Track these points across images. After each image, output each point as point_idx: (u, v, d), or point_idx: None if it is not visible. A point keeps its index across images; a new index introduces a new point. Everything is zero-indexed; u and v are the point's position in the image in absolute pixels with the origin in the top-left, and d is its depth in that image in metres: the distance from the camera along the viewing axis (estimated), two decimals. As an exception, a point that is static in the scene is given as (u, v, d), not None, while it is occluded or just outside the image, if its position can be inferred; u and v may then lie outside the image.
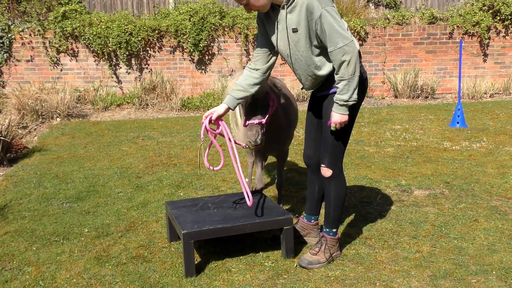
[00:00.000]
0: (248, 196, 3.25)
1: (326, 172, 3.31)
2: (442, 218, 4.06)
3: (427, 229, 3.85)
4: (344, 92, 3.03)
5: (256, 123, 3.31)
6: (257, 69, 3.31)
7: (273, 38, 3.21)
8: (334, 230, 3.41)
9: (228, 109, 3.31)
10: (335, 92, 3.16)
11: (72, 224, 4.11)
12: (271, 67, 3.34)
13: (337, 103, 3.07)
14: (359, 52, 3.09)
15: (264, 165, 4.75)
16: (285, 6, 3.03)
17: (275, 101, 3.46)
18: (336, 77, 3.06)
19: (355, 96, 3.05)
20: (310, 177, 3.62)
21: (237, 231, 3.32)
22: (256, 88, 3.29)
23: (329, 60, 3.13)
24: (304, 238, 3.68)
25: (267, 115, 3.37)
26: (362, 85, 3.25)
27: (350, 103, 3.06)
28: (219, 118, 3.34)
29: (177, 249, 3.61)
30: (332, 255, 3.38)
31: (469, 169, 5.28)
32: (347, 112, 3.09)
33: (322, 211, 3.84)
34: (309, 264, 3.30)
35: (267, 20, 3.21)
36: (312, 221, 3.68)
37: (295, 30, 3.05)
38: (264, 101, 3.38)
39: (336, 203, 3.36)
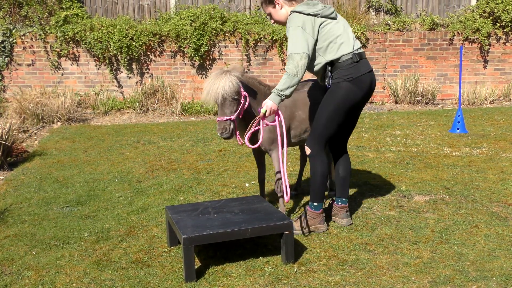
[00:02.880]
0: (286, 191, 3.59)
1: (307, 150, 3.83)
2: (442, 224, 4.05)
3: (427, 235, 3.85)
4: (281, 83, 3.56)
5: (224, 120, 3.69)
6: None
7: None
8: (315, 204, 3.88)
9: None
10: (329, 87, 3.75)
11: (72, 228, 4.11)
12: None
13: (273, 91, 3.59)
14: (348, 59, 3.68)
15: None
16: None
17: (247, 98, 3.81)
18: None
19: (286, 92, 3.56)
20: (334, 162, 4.11)
21: (238, 236, 3.32)
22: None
23: (313, 59, 3.73)
24: (332, 218, 4.14)
25: (237, 112, 3.75)
26: (359, 81, 3.72)
27: (280, 94, 3.55)
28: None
29: (177, 253, 3.61)
30: (310, 226, 3.87)
31: (469, 175, 5.28)
32: (277, 102, 3.58)
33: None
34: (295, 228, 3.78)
35: None
36: (339, 203, 4.07)
37: None
38: (233, 99, 3.72)
39: (314, 179, 3.84)
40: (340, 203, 4.07)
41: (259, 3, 10.18)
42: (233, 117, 3.71)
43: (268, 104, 3.59)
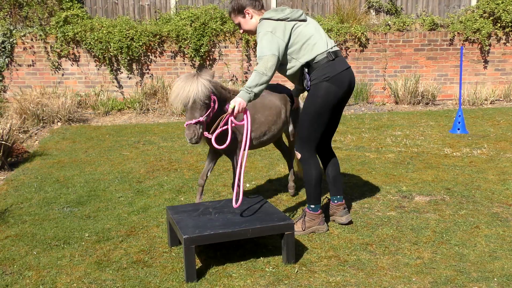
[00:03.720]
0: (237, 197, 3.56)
1: (297, 155, 3.89)
2: (443, 224, 4.05)
3: (428, 236, 3.85)
4: (250, 80, 3.57)
5: (193, 123, 3.59)
6: None
7: None
8: (312, 206, 3.90)
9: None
10: (308, 90, 3.79)
11: (73, 228, 4.11)
12: None
13: (242, 89, 3.58)
14: (323, 59, 3.71)
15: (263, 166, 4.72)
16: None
17: (216, 102, 3.72)
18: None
19: (255, 90, 3.55)
20: (322, 164, 4.13)
21: (238, 236, 3.32)
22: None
23: (283, 64, 3.78)
24: (330, 217, 4.14)
25: (206, 116, 3.65)
26: (337, 80, 3.73)
27: (249, 91, 3.54)
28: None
29: (178, 254, 3.61)
30: (311, 227, 3.88)
31: (470, 175, 5.28)
32: (246, 100, 3.54)
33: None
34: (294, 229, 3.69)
35: None
36: (335, 202, 4.10)
37: None
38: (204, 103, 3.63)
39: (307, 183, 3.88)
40: (336, 201, 4.09)
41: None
42: (202, 119, 3.61)
43: (237, 100, 3.54)
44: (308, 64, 3.74)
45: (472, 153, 6.16)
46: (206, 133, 3.70)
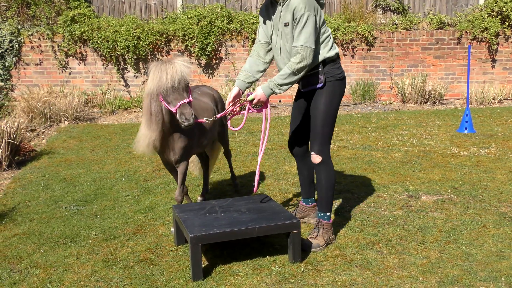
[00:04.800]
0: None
1: (316, 159, 3.63)
2: (450, 224, 4.04)
3: (435, 235, 3.83)
4: (282, 78, 3.40)
5: (187, 102, 3.38)
6: (260, 58, 3.73)
7: (269, 30, 3.65)
8: (328, 214, 3.72)
9: (239, 90, 3.66)
10: (321, 87, 3.57)
11: (80, 227, 4.13)
12: (271, 57, 3.76)
13: (269, 83, 3.43)
14: (337, 57, 3.59)
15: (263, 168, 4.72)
16: (281, 2, 3.47)
17: (190, 92, 3.55)
18: (287, 65, 3.42)
19: (285, 88, 3.43)
20: (298, 165, 3.99)
21: (244, 235, 3.32)
22: (260, 74, 3.74)
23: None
24: (304, 219, 4.07)
25: (191, 96, 3.52)
26: (345, 81, 3.65)
27: (277, 90, 3.43)
28: (236, 98, 3.63)
29: (184, 252, 3.61)
30: (329, 237, 3.69)
31: (477, 175, 5.25)
32: (268, 95, 3.46)
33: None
34: (312, 248, 3.60)
35: (267, 13, 3.65)
36: (310, 203, 4.06)
37: (286, 25, 3.46)
38: (186, 84, 3.46)
39: (327, 188, 3.67)
40: (310, 203, 4.06)
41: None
42: (192, 99, 3.45)
43: (258, 94, 3.43)
44: (324, 61, 3.53)
45: (479, 152, 6.13)
46: (202, 120, 3.61)
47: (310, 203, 4.07)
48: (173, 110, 3.38)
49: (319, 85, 3.56)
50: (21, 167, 5.88)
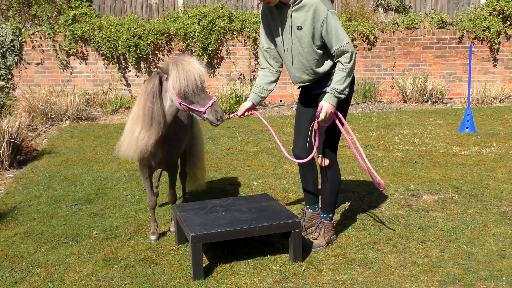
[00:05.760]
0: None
1: (325, 161, 3.60)
2: (451, 223, 4.03)
3: (436, 234, 3.83)
4: (340, 82, 3.28)
5: (215, 101, 3.31)
6: (269, 68, 3.62)
7: (276, 35, 3.47)
8: (330, 215, 3.72)
9: (253, 104, 3.65)
10: None
11: (81, 226, 4.13)
12: (281, 61, 3.63)
13: (331, 93, 3.30)
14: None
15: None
16: (291, 5, 3.28)
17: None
18: (337, 69, 3.31)
19: (347, 90, 3.33)
20: (303, 170, 3.84)
21: (245, 234, 3.32)
22: (274, 85, 3.66)
23: (327, 58, 3.39)
24: (312, 228, 3.89)
25: None
26: (352, 82, 3.53)
27: (342, 96, 3.32)
28: (247, 110, 3.66)
29: (185, 251, 3.62)
30: (330, 237, 3.69)
31: (479, 174, 5.25)
32: (334, 104, 3.33)
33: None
34: (313, 247, 3.59)
35: (271, 16, 3.45)
36: (317, 209, 3.92)
37: (300, 28, 3.29)
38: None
39: (333, 190, 3.66)
40: (317, 209, 3.93)
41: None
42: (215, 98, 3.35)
43: (326, 107, 3.30)
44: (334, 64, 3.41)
45: (480, 151, 6.12)
46: (233, 114, 3.65)
47: (317, 209, 3.91)
48: (202, 109, 3.25)
49: (326, 88, 3.46)
50: (23, 167, 5.89)
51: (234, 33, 9.80)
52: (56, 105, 8.38)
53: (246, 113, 3.67)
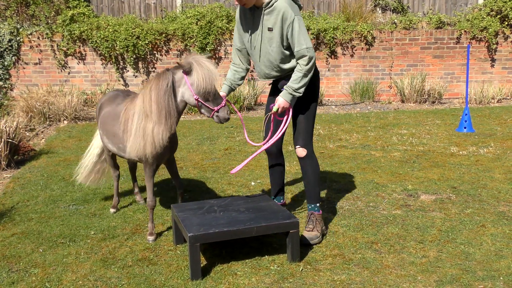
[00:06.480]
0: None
1: (302, 152, 3.79)
2: (449, 223, 4.04)
3: (433, 234, 3.83)
4: (296, 82, 3.56)
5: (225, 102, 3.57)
6: (241, 65, 3.91)
7: (246, 33, 3.75)
8: (317, 205, 3.86)
9: (225, 95, 3.87)
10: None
11: (79, 226, 4.13)
12: (250, 61, 3.98)
13: (287, 90, 3.58)
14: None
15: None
16: (264, 8, 3.57)
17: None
18: (295, 69, 3.59)
19: (301, 90, 3.59)
20: (272, 164, 4.06)
21: (243, 234, 3.32)
22: (242, 81, 3.99)
23: (293, 58, 3.66)
24: None
25: None
26: (318, 79, 3.82)
27: (297, 93, 3.59)
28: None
29: (183, 252, 3.61)
30: (321, 228, 3.81)
31: (476, 174, 5.26)
32: (290, 101, 3.62)
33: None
34: (311, 240, 3.69)
35: (244, 17, 3.73)
36: (282, 200, 4.13)
37: (270, 29, 3.59)
38: None
39: (314, 179, 3.83)
40: (282, 200, 4.16)
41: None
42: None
43: (280, 102, 3.61)
44: None
45: (478, 151, 6.13)
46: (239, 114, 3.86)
47: (282, 200, 4.14)
48: (216, 108, 3.50)
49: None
50: (20, 167, 5.88)
51: (232, 33, 9.79)
52: (54, 105, 8.37)
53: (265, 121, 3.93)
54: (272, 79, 3.84)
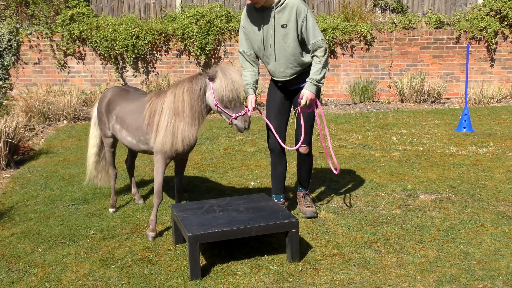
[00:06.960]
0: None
1: (306, 150, 4.09)
2: (448, 223, 4.04)
3: (433, 234, 3.83)
4: (318, 73, 3.77)
5: (247, 111, 3.70)
6: (253, 69, 4.01)
7: (257, 36, 3.85)
8: (308, 188, 4.29)
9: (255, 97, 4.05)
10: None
11: (78, 226, 4.13)
12: (258, 64, 4.13)
13: (311, 82, 3.78)
14: None
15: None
16: (274, 7, 3.71)
17: None
18: (313, 62, 3.80)
19: (323, 81, 3.81)
20: (275, 160, 4.18)
21: (243, 234, 3.33)
22: (258, 83, 4.13)
23: (308, 52, 3.84)
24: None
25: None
26: None
27: (320, 84, 3.80)
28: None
29: (182, 251, 3.62)
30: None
31: (476, 174, 5.26)
32: (316, 92, 3.82)
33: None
34: (314, 213, 4.13)
35: (252, 19, 3.84)
36: (282, 200, 4.24)
37: (284, 26, 3.73)
38: None
39: (309, 170, 4.24)
40: (282, 199, 4.26)
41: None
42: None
43: (307, 95, 3.78)
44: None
45: (478, 151, 6.14)
46: (250, 112, 3.84)
47: (282, 200, 4.23)
48: (234, 115, 3.62)
49: (303, 84, 3.91)
50: (20, 167, 5.88)
51: (232, 33, 9.80)
52: (54, 105, 8.37)
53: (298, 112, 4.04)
54: (284, 79, 3.96)
